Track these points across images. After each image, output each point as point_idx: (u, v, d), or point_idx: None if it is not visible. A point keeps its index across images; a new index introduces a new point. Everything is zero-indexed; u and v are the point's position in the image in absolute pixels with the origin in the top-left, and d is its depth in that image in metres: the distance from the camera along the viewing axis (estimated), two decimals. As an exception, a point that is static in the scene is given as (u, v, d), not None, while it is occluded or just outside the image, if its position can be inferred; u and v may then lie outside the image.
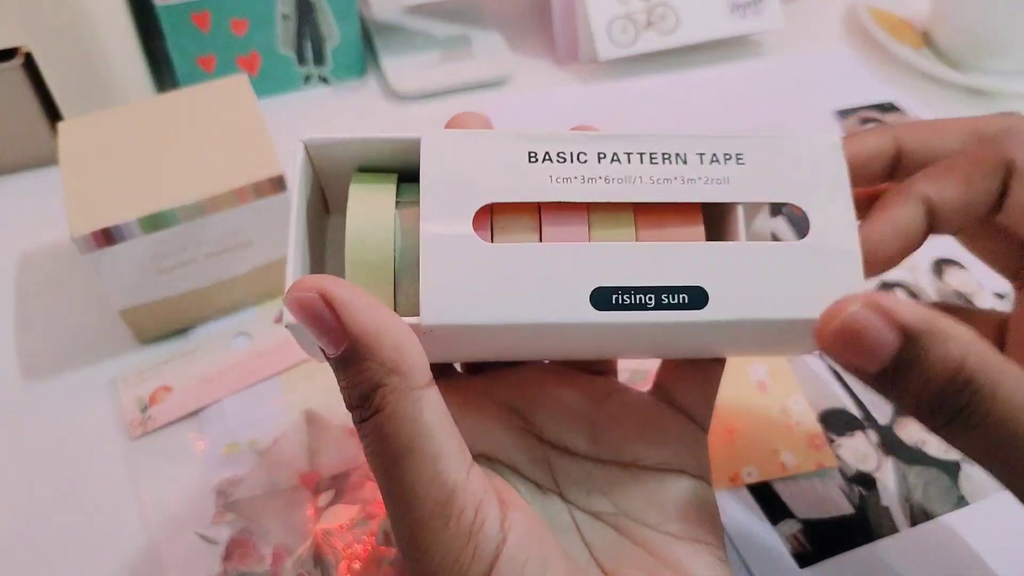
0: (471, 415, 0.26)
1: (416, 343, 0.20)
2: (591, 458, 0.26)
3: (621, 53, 0.57)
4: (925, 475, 0.36)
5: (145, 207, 0.36)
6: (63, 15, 0.45)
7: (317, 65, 0.57)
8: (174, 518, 0.35)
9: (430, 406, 0.20)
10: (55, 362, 0.41)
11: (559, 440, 0.26)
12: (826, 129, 0.54)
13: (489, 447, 0.26)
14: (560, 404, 0.27)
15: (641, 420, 0.27)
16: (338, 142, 0.24)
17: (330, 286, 0.20)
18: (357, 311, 0.20)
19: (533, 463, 0.26)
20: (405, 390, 0.20)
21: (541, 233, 0.23)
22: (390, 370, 0.20)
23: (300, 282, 0.20)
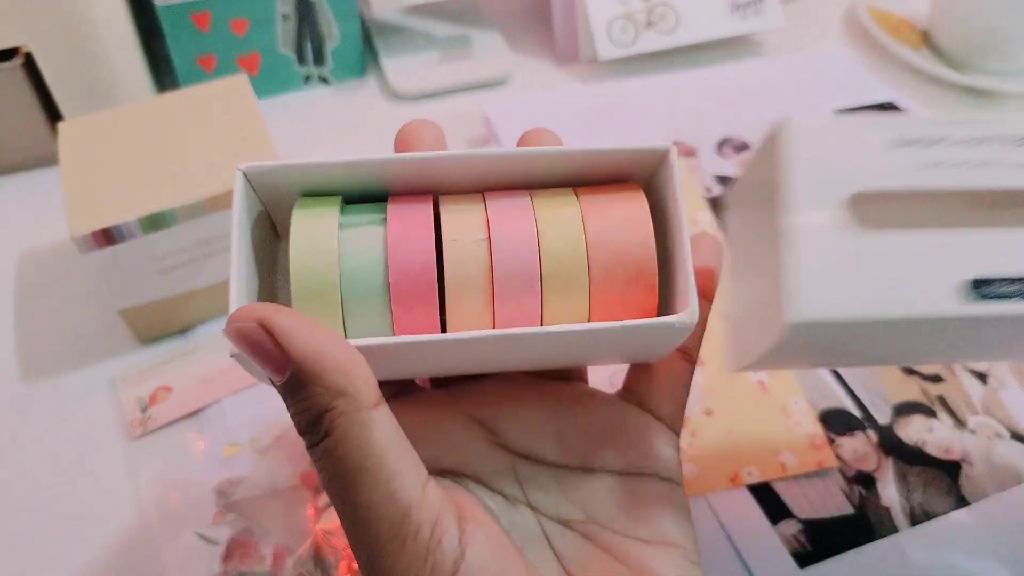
0: (435, 430, 0.25)
1: (363, 363, 0.20)
2: (559, 465, 0.26)
3: (621, 53, 0.57)
4: (925, 475, 0.36)
5: (145, 207, 0.36)
6: (63, 15, 0.45)
7: (317, 65, 0.57)
8: (174, 518, 0.35)
9: (380, 426, 0.20)
10: (55, 362, 0.41)
11: (526, 449, 0.26)
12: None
13: (454, 462, 0.25)
14: (525, 413, 0.26)
15: (609, 424, 0.26)
16: (278, 168, 0.23)
17: (269, 314, 0.20)
18: (297, 337, 0.20)
19: (500, 475, 0.25)
20: (353, 412, 0.20)
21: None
22: (336, 392, 0.20)
23: (238, 312, 0.21)
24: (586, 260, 0.22)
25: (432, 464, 0.24)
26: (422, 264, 0.22)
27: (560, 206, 0.23)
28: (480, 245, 0.22)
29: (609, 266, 0.22)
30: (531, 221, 0.23)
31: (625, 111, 0.56)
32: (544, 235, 0.23)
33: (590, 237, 0.23)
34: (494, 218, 0.23)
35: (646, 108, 0.56)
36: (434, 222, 0.23)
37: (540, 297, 0.22)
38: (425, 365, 0.24)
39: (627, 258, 0.23)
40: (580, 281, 0.22)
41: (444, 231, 0.22)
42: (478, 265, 0.22)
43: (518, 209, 0.23)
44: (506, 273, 0.22)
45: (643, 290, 0.23)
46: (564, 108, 0.56)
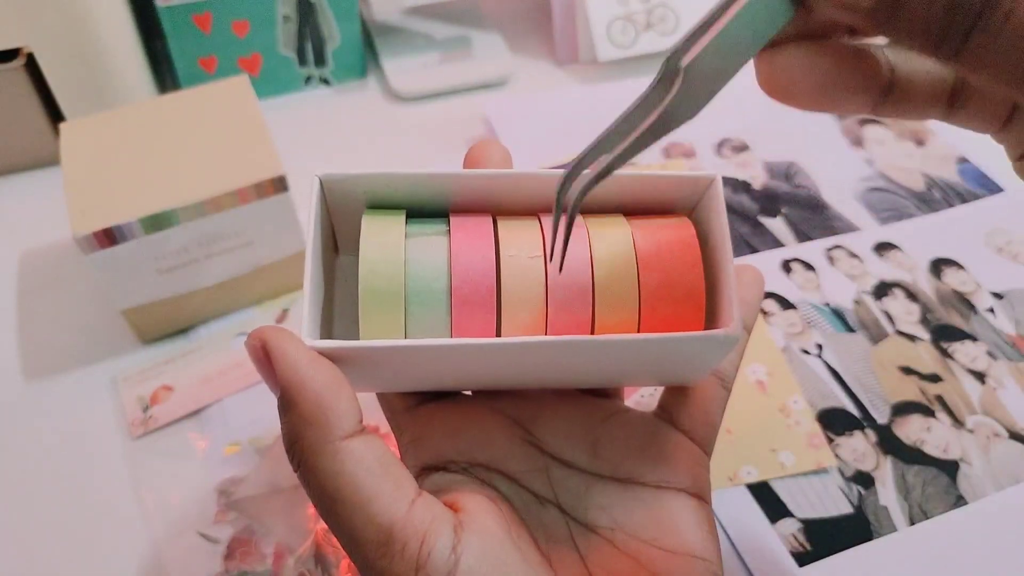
0: (473, 424, 0.26)
1: (345, 394, 0.21)
2: (591, 473, 0.26)
3: (621, 54, 0.57)
4: (924, 474, 0.36)
5: (147, 207, 0.37)
6: (65, 16, 0.45)
7: (318, 66, 0.57)
8: (176, 517, 0.35)
9: (352, 457, 0.21)
10: (57, 362, 0.41)
11: (560, 453, 0.26)
12: (824, 130, 0.54)
13: (488, 456, 0.26)
14: (562, 419, 0.27)
15: (642, 439, 0.27)
16: (350, 177, 0.25)
17: (270, 336, 0.21)
18: (284, 363, 0.21)
19: (533, 474, 0.26)
20: (321, 444, 0.21)
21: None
22: (306, 423, 0.21)
23: (254, 330, 0.22)
24: (637, 279, 0.24)
25: (467, 457, 0.25)
26: (483, 272, 0.23)
27: (613, 227, 0.25)
28: (536, 261, 0.24)
29: (658, 286, 0.24)
30: (585, 240, 0.24)
31: (625, 112, 0.56)
32: (597, 253, 0.24)
33: (641, 257, 0.24)
34: (550, 236, 0.24)
35: (646, 109, 0.56)
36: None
37: (592, 312, 0.23)
38: (476, 373, 0.24)
39: (676, 279, 0.24)
40: (631, 298, 0.24)
41: (502, 246, 0.24)
42: (534, 280, 0.23)
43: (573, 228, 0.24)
44: (560, 288, 0.23)
45: (691, 310, 0.24)
46: (564, 109, 0.56)
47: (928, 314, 0.43)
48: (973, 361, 0.41)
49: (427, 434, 0.26)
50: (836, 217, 0.48)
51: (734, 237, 0.47)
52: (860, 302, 0.44)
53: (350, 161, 0.52)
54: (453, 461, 0.26)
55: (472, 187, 0.25)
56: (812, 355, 0.41)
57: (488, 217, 0.25)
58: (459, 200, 0.25)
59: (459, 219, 0.25)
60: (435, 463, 0.26)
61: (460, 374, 0.25)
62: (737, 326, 0.22)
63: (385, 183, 0.25)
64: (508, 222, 0.25)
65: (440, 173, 0.24)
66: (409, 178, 0.25)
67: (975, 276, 0.45)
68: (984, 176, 0.51)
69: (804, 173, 0.51)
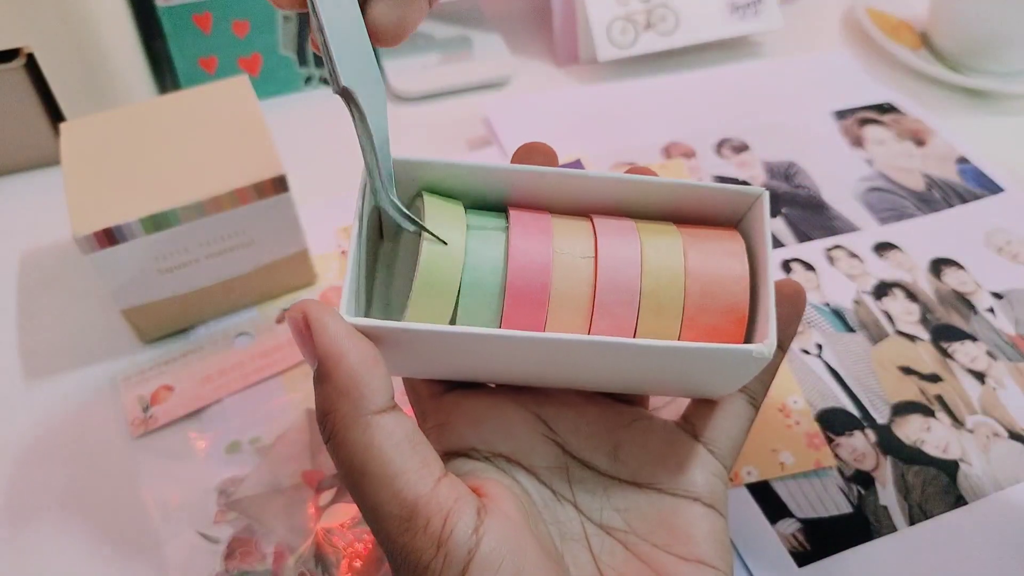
0: (497, 415, 0.27)
1: (379, 370, 0.22)
2: (609, 475, 0.27)
3: (621, 54, 0.57)
4: (923, 474, 0.37)
5: (147, 207, 0.37)
6: (65, 16, 0.45)
7: (318, 66, 0.57)
8: (176, 517, 0.35)
9: (383, 431, 0.21)
10: (57, 362, 0.41)
11: (580, 453, 0.27)
12: (824, 130, 0.54)
13: (511, 449, 0.26)
14: (585, 420, 0.27)
15: (663, 446, 0.27)
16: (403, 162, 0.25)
17: (311, 308, 0.22)
18: (324, 335, 0.21)
19: (552, 471, 0.26)
20: (354, 417, 0.21)
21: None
22: (341, 394, 0.21)
23: (297, 303, 0.22)
24: (683, 287, 0.24)
25: (490, 447, 0.26)
26: (539, 270, 0.24)
27: (663, 234, 0.25)
28: (587, 262, 0.24)
29: (703, 296, 0.24)
30: (636, 245, 0.24)
31: (625, 112, 0.56)
32: (647, 259, 0.24)
33: (690, 267, 0.24)
34: (602, 238, 0.24)
35: (646, 109, 0.56)
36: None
37: (636, 316, 0.24)
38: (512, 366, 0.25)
39: (721, 291, 0.24)
40: (675, 306, 0.24)
41: (555, 244, 0.24)
42: (583, 279, 0.24)
43: (624, 232, 0.25)
44: (607, 290, 0.24)
45: (732, 323, 0.24)
46: (564, 109, 0.56)
47: (928, 314, 0.43)
48: (973, 361, 0.41)
49: (451, 421, 0.27)
50: (836, 217, 0.48)
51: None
52: (860, 302, 0.44)
53: (350, 161, 0.52)
54: (476, 449, 0.26)
55: (528, 184, 0.25)
56: (812, 355, 0.41)
57: (547, 215, 0.25)
58: (515, 195, 0.26)
59: (518, 215, 0.25)
60: (458, 449, 0.26)
61: (496, 366, 0.25)
62: (771, 344, 0.22)
63: (444, 171, 0.25)
64: (561, 221, 0.25)
65: (499, 167, 0.25)
66: (469, 168, 0.25)
67: (975, 276, 0.45)
68: (984, 176, 0.51)
69: (804, 173, 0.51)
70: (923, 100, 0.57)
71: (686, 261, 0.24)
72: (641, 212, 0.26)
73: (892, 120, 0.55)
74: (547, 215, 0.25)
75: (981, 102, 0.57)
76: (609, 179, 0.25)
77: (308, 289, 0.44)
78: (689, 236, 0.25)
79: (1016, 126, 0.55)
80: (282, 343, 0.41)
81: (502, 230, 0.25)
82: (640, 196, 0.26)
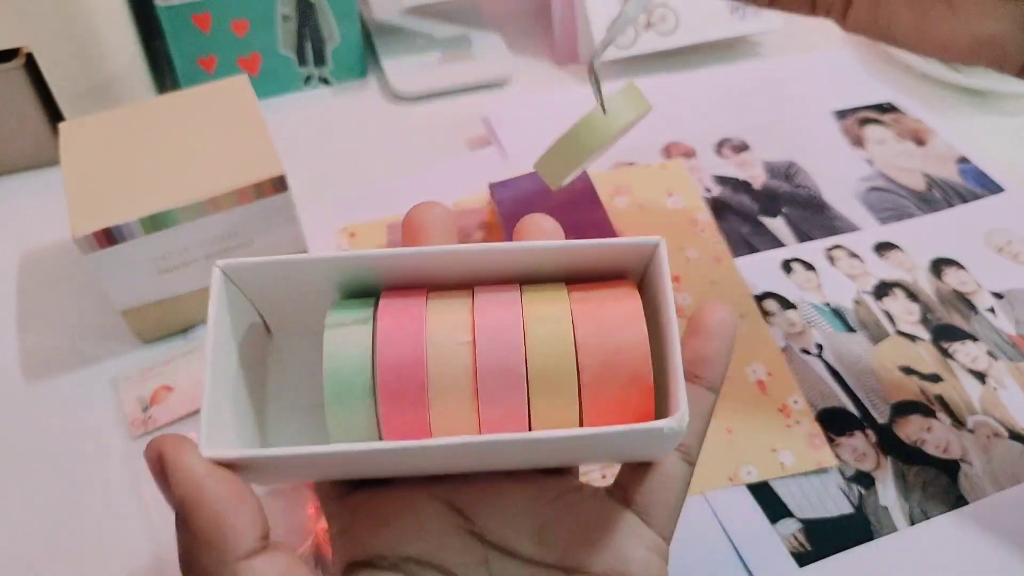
0: (406, 513, 0.24)
1: (245, 508, 0.20)
2: (535, 561, 0.24)
3: (621, 54, 0.57)
4: (924, 475, 0.36)
5: (146, 207, 0.36)
6: (64, 16, 0.45)
7: (318, 66, 0.57)
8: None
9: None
10: (57, 362, 0.41)
11: (502, 541, 0.24)
12: (824, 130, 0.54)
13: (422, 550, 0.23)
14: (507, 501, 0.24)
15: (592, 523, 0.24)
16: (260, 265, 0.23)
17: (166, 448, 0.20)
18: (179, 476, 0.20)
19: (469, 567, 0.23)
20: (218, 567, 0.19)
21: None
22: (201, 544, 0.19)
23: (152, 441, 0.21)
24: (575, 362, 0.22)
25: (397, 551, 0.23)
26: (412, 362, 0.21)
27: (549, 303, 0.23)
28: (464, 348, 0.22)
29: (600, 368, 0.22)
30: (518, 322, 0.22)
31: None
32: (531, 336, 0.22)
33: (580, 338, 0.22)
34: (480, 319, 0.22)
35: (646, 109, 0.56)
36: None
37: (527, 401, 0.22)
38: (409, 467, 0.23)
39: (620, 359, 0.22)
40: (568, 384, 0.22)
41: (428, 333, 0.22)
42: (462, 368, 0.22)
43: (505, 307, 0.22)
44: (490, 376, 0.21)
45: (638, 392, 0.22)
46: (564, 109, 0.56)
47: (928, 314, 0.43)
48: (973, 361, 0.41)
49: (356, 524, 0.24)
50: (836, 217, 0.48)
51: (735, 236, 0.47)
52: (860, 302, 0.44)
53: (350, 161, 0.52)
54: (382, 555, 0.23)
55: (402, 266, 0.23)
56: (812, 355, 0.41)
57: (421, 298, 0.23)
58: (392, 277, 0.24)
59: (387, 302, 0.23)
60: (363, 558, 0.23)
61: (389, 469, 0.23)
62: (682, 416, 0.20)
63: (299, 268, 0.23)
64: (438, 302, 0.23)
65: (358, 255, 0.23)
66: (327, 262, 0.23)
67: (975, 276, 0.45)
68: (984, 176, 0.51)
69: (804, 173, 0.51)
70: (924, 100, 0.57)
71: (576, 330, 0.22)
72: (536, 276, 0.24)
73: (892, 120, 0.55)
74: (422, 299, 0.23)
75: (981, 102, 0.57)
76: (490, 251, 0.23)
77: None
78: (581, 301, 0.23)
79: (1016, 126, 0.55)
80: (282, 343, 0.41)
81: (366, 323, 0.22)
82: (534, 261, 0.23)
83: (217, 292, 0.22)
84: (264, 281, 0.23)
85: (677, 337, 0.22)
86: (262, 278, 0.23)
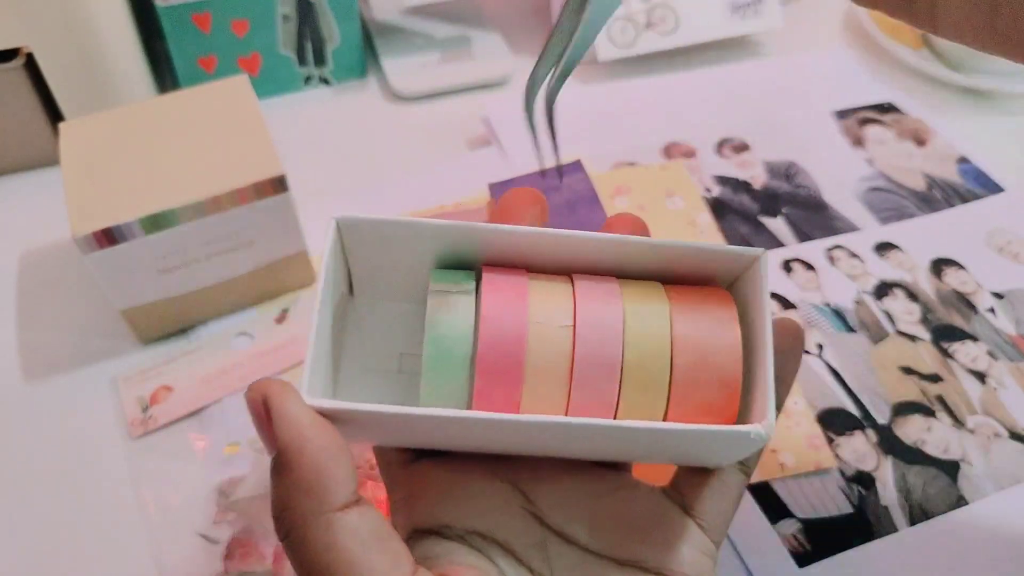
0: (472, 490, 0.25)
1: (343, 461, 0.20)
2: (589, 550, 0.25)
3: (621, 54, 0.57)
4: (924, 475, 0.36)
5: (146, 207, 0.36)
6: (64, 16, 0.45)
7: (318, 66, 0.57)
8: (175, 518, 0.35)
9: (347, 529, 0.20)
10: (56, 362, 0.41)
11: (559, 526, 0.25)
12: (825, 130, 0.54)
13: (485, 525, 0.24)
14: (565, 489, 0.25)
15: (646, 519, 0.25)
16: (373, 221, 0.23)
17: (273, 392, 0.20)
18: (284, 423, 0.20)
19: (529, 547, 0.24)
20: (315, 514, 0.20)
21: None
22: (301, 489, 0.20)
23: (255, 383, 0.21)
24: (670, 359, 0.22)
25: (463, 524, 0.24)
26: (513, 341, 0.22)
27: (649, 300, 0.23)
28: (565, 332, 0.22)
29: (692, 368, 0.22)
30: (619, 313, 0.22)
31: (625, 112, 0.56)
32: (630, 328, 0.22)
33: (677, 336, 0.22)
34: (582, 306, 0.22)
35: (646, 109, 0.56)
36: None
37: (618, 390, 0.22)
38: (489, 441, 0.23)
39: (712, 362, 0.22)
40: (661, 380, 0.22)
41: (531, 312, 0.22)
42: (560, 351, 0.22)
43: (606, 298, 0.23)
44: (587, 362, 0.22)
45: (725, 397, 0.22)
46: (564, 109, 0.56)
47: (929, 314, 0.43)
48: (974, 361, 0.41)
49: (421, 493, 0.25)
50: (836, 217, 0.48)
51: (735, 237, 0.47)
52: (860, 302, 0.44)
53: (350, 161, 0.52)
54: (448, 526, 0.24)
55: (505, 242, 0.23)
56: (812, 355, 0.41)
57: (524, 278, 0.23)
58: (490, 253, 0.24)
59: (491, 278, 0.23)
60: (428, 526, 0.24)
61: (468, 442, 0.23)
62: (770, 424, 0.21)
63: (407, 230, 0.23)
64: (539, 285, 0.23)
65: (468, 226, 0.23)
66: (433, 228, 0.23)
67: (976, 276, 0.45)
68: (985, 176, 0.51)
69: (804, 173, 0.51)
70: (924, 100, 0.57)
71: (673, 330, 0.22)
72: (628, 270, 0.24)
73: (893, 120, 0.55)
74: (524, 277, 0.23)
75: (982, 102, 0.57)
76: (591, 240, 0.23)
77: (307, 289, 0.44)
78: (678, 301, 0.23)
79: (1016, 126, 0.55)
80: (281, 343, 0.41)
81: (470, 294, 0.23)
82: (626, 255, 0.24)
83: (332, 244, 0.23)
84: (367, 240, 0.24)
85: (770, 347, 0.22)
86: (367, 237, 0.23)
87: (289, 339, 0.41)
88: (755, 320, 0.23)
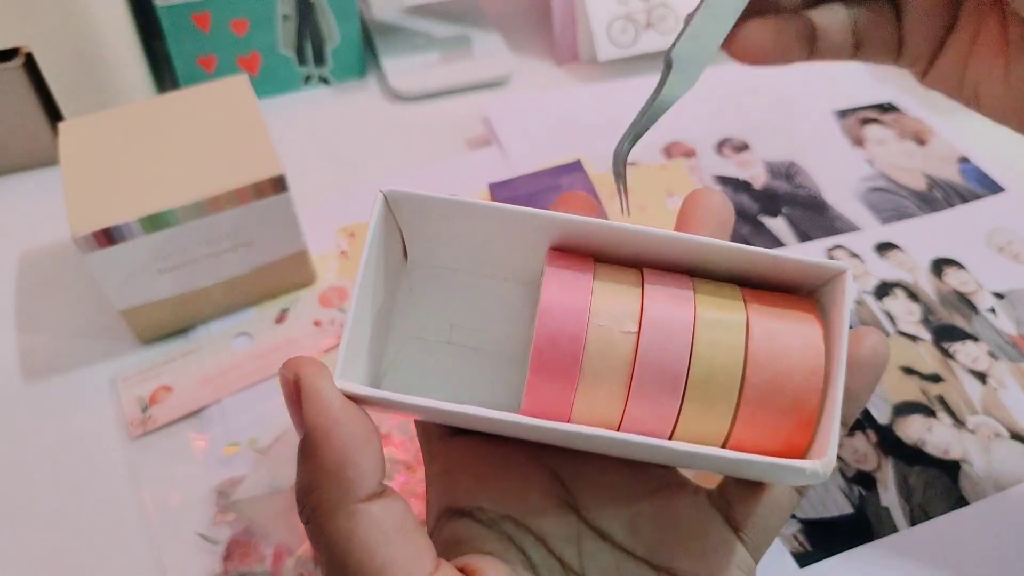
0: (510, 473, 0.24)
1: (372, 450, 0.20)
2: (624, 550, 0.24)
3: (621, 53, 0.57)
4: (925, 475, 0.36)
5: (146, 207, 0.36)
6: (64, 15, 0.45)
7: (317, 65, 0.57)
8: (175, 518, 0.35)
9: (369, 520, 0.19)
10: (56, 362, 0.41)
11: (596, 521, 0.24)
12: (825, 129, 0.54)
13: (521, 512, 0.23)
14: (606, 483, 0.24)
15: (687, 525, 0.24)
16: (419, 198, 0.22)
17: (305, 372, 0.20)
18: (316, 405, 0.19)
19: (563, 540, 0.23)
20: (339, 502, 0.19)
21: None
22: (327, 474, 0.19)
23: (289, 360, 0.20)
24: (741, 377, 0.20)
25: (498, 507, 0.23)
26: (571, 339, 0.20)
27: (724, 309, 0.21)
28: (629, 338, 0.21)
29: (766, 390, 0.20)
30: (689, 323, 0.21)
31: (625, 112, 0.56)
32: (700, 340, 0.21)
33: (752, 352, 0.21)
34: (650, 312, 0.21)
35: (646, 108, 0.56)
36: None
37: (679, 405, 0.21)
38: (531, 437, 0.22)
39: (788, 386, 0.20)
40: (728, 397, 0.20)
41: (593, 314, 0.21)
42: (621, 357, 0.21)
43: (677, 304, 0.21)
44: (648, 373, 0.20)
45: (796, 422, 0.20)
46: (564, 109, 0.56)
47: (929, 314, 0.43)
48: (974, 361, 0.41)
49: (459, 469, 0.24)
50: (837, 217, 0.48)
51: (736, 237, 0.47)
52: (861, 302, 0.44)
53: (349, 161, 0.52)
54: (482, 508, 0.23)
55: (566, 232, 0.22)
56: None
57: (589, 271, 0.22)
58: (557, 239, 0.23)
59: (555, 271, 0.22)
60: (463, 506, 0.24)
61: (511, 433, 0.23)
62: (829, 462, 0.19)
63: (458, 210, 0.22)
64: (607, 282, 0.22)
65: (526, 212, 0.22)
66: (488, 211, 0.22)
67: (976, 276, 0.45)
68: (985, 176, 0.51)
69: (805, 173, 0.51)
70: (924, 100, 0.57)
71: (749, 345, 0.20)
72: (703, 266, 0.22)
73: (893, 120, 0.55)
74: (589, 270, 0.22)
75: (982, 101, 0.57)
76: (664, 238, 0.21)
77: (307, 289, 0.44)
78: (757, 311, 0.21)
79: (1017, 126, 0.55)
80: (281, 343, 0.41)
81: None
82: (700, 253, 0.22)
83: (377, 220, 0.22)
84: (419, 213, 0.23)
85: (842, 376, 0.20)
86: (419, 211, 0.23)
87: (289, 339, 0.41)
88: (832, 344, 0.21)
